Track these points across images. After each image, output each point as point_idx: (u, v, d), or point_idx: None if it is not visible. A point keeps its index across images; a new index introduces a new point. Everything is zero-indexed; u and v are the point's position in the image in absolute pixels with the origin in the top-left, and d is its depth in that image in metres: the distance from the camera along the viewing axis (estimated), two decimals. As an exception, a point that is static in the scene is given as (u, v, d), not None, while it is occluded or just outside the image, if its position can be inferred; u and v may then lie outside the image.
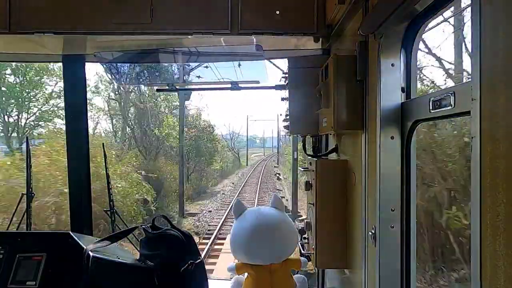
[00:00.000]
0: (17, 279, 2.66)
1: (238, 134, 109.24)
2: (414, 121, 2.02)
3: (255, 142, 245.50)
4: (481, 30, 1.17)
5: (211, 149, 37.75)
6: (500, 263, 1.08)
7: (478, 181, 1.18)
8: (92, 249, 2.64)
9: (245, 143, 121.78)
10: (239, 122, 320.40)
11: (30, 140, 4.27)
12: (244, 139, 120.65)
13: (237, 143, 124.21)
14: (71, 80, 3.65)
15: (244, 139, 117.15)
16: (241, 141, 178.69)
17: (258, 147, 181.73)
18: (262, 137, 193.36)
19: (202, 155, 35.44)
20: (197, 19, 2.94)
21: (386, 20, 1.94)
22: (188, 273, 2.81)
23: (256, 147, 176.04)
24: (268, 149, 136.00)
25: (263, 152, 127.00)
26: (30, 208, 3.53)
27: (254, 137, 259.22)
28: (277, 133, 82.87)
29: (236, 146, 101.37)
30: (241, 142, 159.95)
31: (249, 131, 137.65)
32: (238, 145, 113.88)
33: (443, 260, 6.34)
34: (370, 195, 2.28)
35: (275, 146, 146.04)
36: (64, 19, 2.91)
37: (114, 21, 2.90)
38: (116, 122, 32.47)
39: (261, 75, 3.90)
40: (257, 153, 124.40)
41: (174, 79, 4.05)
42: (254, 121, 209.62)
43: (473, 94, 1.20)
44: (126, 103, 30.52)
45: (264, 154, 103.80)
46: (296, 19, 2.94)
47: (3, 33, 2.91)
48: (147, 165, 26.76)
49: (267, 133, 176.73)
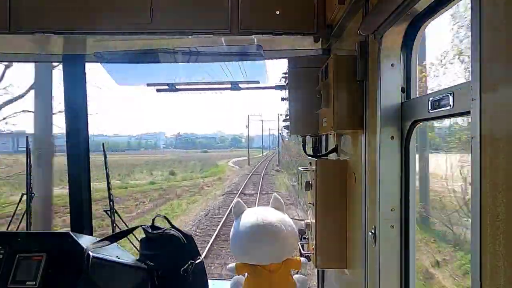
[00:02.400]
0: (17, 279, 2.66)
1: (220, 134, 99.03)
2: (414, 121, 2.02)
3: (240, 142, 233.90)
4: (481, 30, 1.17)
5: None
6: (500, 263, 1.08)
7: (478, 181, 1.18)
8: (92, 249, 2.64)
9: (229, 142, 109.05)
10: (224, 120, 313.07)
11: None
12: (229, 137, 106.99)
13: (217, 143, 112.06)
14: (71, 80, 3.65)
15: (228, 138, 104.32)
16: (225, 140, 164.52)
17: (243, 147, 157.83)
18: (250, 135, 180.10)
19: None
20: (197, 19, 2.94)
21: (386, 20, 1.94)
22: (188, 273, 2.81)
23: (242, 147, 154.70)
24: (255, 150, 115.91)
25: (254, 154, 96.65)
26: (30, 208, 3.53)
27: (240, 137, 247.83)
28: (277, 132, 73.84)
29: (216, 146, 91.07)
30: (224, 141, 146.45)
31: (232, 129, 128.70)
32: (220, 145, 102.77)
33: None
34: (370, 195, 2.28)
35: (266, 146, 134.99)
36: (64, 19, 2.91)
37: (114, 21, 2.90)
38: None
39: (261, 75, 3.91)
40: (240, 156, 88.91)
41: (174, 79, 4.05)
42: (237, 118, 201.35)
43: (473, 94, 1.20)
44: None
45: (250, 161, 68.81)
46: (296, 19, 2.94)
47: (3, 33, 2.91)
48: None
49: (254, 131, 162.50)
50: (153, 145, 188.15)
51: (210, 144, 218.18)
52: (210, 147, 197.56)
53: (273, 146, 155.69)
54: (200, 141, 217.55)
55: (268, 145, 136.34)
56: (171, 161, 73.07)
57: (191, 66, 3.96)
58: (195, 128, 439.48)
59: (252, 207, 3.34)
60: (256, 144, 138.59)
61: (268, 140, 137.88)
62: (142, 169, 54.69)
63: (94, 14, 2.90)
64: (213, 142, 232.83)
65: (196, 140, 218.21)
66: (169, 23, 2.94)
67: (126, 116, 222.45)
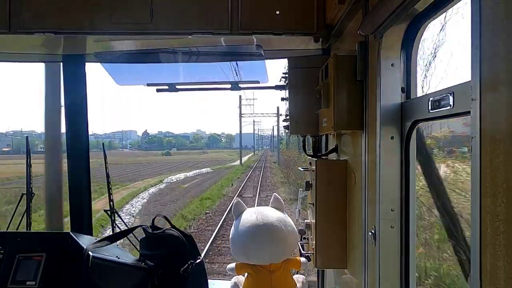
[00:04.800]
0: (17, 279, 2.66)
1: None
2: (414, 121, 2.02)
3: (218, 142, 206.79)
4: (481, 29, 1.16)
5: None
6: (500, 263, 1.08)
7: (478, 181, 1.17)
8: (92, 249, 2.64)
9: (205, 142, 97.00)
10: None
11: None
12: (206, 136, 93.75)
13: (191, 144, 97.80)
14: (71, 80, 3.65)
15: (206, 137, 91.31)
16: (200, 139, 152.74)
17: (223, 148, 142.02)
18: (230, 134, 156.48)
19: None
20: (197, 19, 2.94)
21: (386, 20, 1.94)
22: (188, 273, 2.81)
23: (220, 148, 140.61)
24: (234, 151, 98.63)
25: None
26: (30, 208, 3.53)
27: (219, 135, 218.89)
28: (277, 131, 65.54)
29: (188, 147, 78.82)
30: (199, 141, 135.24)
31: (210, 127, 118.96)
32: (193, 145, 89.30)
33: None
34: (370, 195, 2.28)
35: (249, 147, 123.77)
36: (64, 19, 2.90)
37: (114, 21, 2.90)
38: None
39: (261, 75, 3.91)
40: (215, 162, 62.21)
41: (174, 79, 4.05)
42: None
43: (473, 94, 1.20)
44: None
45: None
46: (296, 19, 2.94)
47: (3, 33, 2.91)
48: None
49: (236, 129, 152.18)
50: (114, 146, 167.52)
51: (181, 144, 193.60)
52: (182, 147, 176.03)
53: (259, 146, 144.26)
54: (169, 140, 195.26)
55: (254, 146, 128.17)
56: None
57: (191, 66, 3.96)
58: (174, 127, 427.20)
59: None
60: (236, 145, 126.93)
61: (254, 140, 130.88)
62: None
63: (94, 14, 2.90)
64: (185, 141, 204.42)
65: (164, 139, 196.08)
66: (169, 23, 2.93)
67: (97, 112, 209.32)
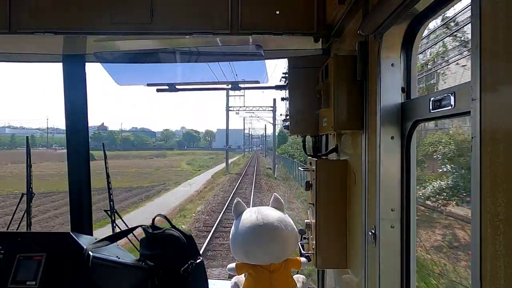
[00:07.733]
0: (17, 279, 2.66)
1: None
2: (414, 121, 2.02)
3: (197, 140, 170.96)
4: (481, 30, 1.17)
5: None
6: (500, 263, 1.08)
7: (478, 181, 1.17)
8: (92, 249, 2.64)
9: (175, 141, 75.04)
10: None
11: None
12: (179, 134, 75.23)
13: (154, 142, 79.63)
14: (71, 80, 3.65)
15: (178, 134, 74.99)
16: (171, 137, 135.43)
17: (201, 148, 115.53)
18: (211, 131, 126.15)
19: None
20: (197, 19, 2.94)
21: (386, 20, 1.94)
22: (188, 273, 2.81)
23: (198, 148, 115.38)
24: (214, 152, 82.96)
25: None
26: (30, 208, 3.53)
27: (196, 132, 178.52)
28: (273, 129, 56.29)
29: (146, 147, 56.84)
30: (169, 140, 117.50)
31: (188, 123, 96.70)
32: (158, 144, 73.88)
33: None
34: (370, 195, 2.28)
35: (236, 147, 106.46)
36: (64, 19, 2.90)
37: (114, 21, 2.90)
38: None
39: (261, 75, 3.91)
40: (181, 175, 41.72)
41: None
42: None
43: (473, 94, 1.20)
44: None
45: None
46: (296, 19, 2.94)
47: (3, 33, 2.91)
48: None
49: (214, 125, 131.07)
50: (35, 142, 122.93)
51: (141, 143, 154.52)
52: (141, 147, 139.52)
53: (247, 147, 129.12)
54: (126, 137, 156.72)
55: (240, 146, 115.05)
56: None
57: (191, 66, 3.96)
58: (152, 123, 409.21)
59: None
60: (219, 143, 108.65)
61: (243, 139, 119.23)
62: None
63: (94, 14, 2.90)
64: (148, 139, 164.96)
65: (118, 136, 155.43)
66: (169, 23, 2.93)
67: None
